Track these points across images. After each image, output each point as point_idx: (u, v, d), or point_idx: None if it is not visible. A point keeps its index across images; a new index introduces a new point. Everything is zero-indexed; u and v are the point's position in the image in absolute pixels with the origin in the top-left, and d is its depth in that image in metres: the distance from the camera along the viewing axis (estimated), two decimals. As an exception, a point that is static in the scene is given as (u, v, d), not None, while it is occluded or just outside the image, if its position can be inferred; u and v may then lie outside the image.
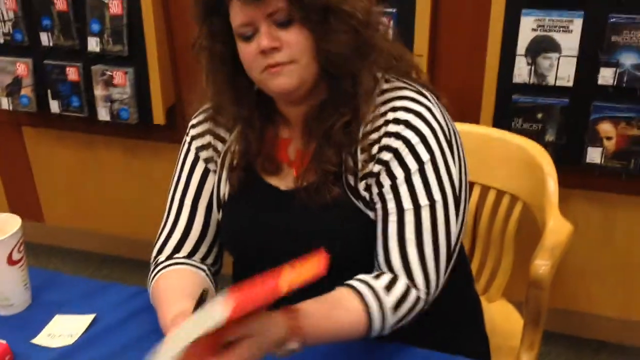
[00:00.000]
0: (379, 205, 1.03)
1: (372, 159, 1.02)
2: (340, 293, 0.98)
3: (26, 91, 2.29)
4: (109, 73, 2.13)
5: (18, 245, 1.08)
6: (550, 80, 1.73)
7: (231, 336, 0.83)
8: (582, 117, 1.77)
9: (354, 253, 1.06)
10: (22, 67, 2.26)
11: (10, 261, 1.06)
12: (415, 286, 0.99)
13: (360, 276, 1.00)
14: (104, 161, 2.47)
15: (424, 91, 1.05)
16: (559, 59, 1.70)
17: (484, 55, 1.78)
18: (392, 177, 1.01)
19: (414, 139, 1.01)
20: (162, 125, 2.18)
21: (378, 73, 1.04)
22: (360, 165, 1.03)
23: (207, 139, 1.14)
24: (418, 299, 0.99)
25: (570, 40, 1.68)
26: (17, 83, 2.29)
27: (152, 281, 1.08)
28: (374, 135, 1.02)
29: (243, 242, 1.13)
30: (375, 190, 1.03)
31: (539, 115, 1.77)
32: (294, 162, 1.09)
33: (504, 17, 1.72)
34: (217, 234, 1.15)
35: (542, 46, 1.70)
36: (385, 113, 1.02)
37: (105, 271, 2.57)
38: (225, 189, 1.12)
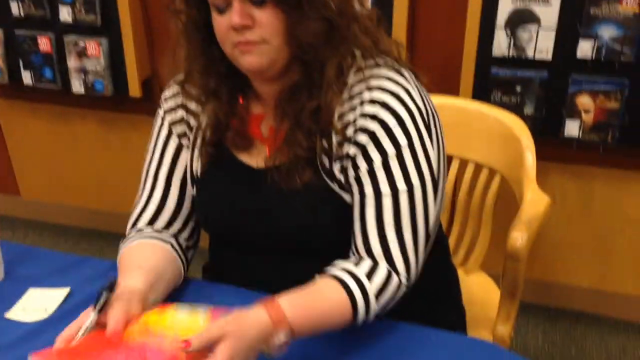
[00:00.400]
0: (355, 189, 1.02)
1: (348, 140, 1.00)
2: (323, 282, 0.97)
3: (-3, 62, 2.24)
4: (82, 44, 2.09)
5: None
6: (530, 53, 1.72)
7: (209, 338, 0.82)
8: (560, 90, 1.77)
9: (328, 235, 1.05)
10: (-8, 38, 2.20)
11: (-20, 235, 1.04)
12: (396, 271, 0.99)
13: (341, 263, 0.99)
14: (80, 134, 2.43)
15: (402, 70, 1.03)
16: (537, 31, 1.70)
17: (463, 27, 1.77)
18: (369, 160, 1.00)
19: (391, 122, 0.99)
20: (138, 97, 2.14)
21: (356, 51, 1.02)
22: (335, 147, 1.01)
23: (180, 113, 1.12)
24: (399, 284, 0.99)
25: (549, 12, 1.68)
26: (-13, 53, 2.23)
27: (120, 252, 1.07)
28: (350, 116, 1.00)
29: (215, 220, 1.12)
30: (351, 173, 1.01)
31: (518, 88, 1.77)
32: (267, 139, 1.08)
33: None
34: (193, 209, 1.14)
35: (522, 18, 1.70)
36: (361, 92, 1.00)
37: (84, 245, 2.54)
38: (197, 165, 1.11)
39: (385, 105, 0.99)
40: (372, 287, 0.96)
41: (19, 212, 2.72)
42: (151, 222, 1.12)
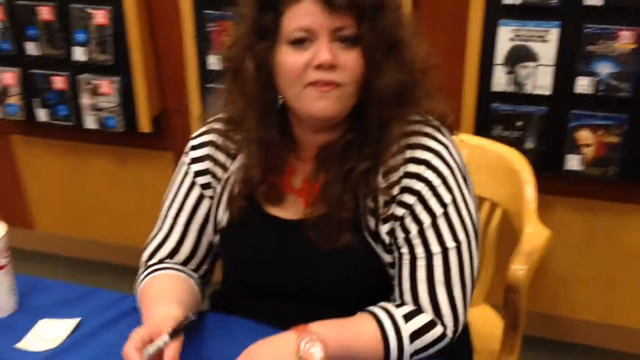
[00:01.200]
0: (405, 250, 1.02)
1: (393, 200, 1.00)
2: (358, 317, 0.99)
3: (14, 100, 2.31)
4: (95, 82, 2.16)
5: (2, 250, 1.09)
6: (529, 89, 1.76)
7: None
8: (560, 125, 1.80)
9: (361, 292, 1.06)
10: (9, 76, 2.28)
11: (-5, 267, 1.08)
12: (443, 324, 1.00)
13: (381, 303, 1.01)
14: (93, 169, 2.49)
15: (440, 127, 1.03)
16: (536, 68, 1.74)
17: (462, 64, 1.81)
18: (418, 222, 1.00)
19: (436, 181, 0.99)
20: (148, 133, 2.20)
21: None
22: (381, 207, 1.01)
23: (206, 164, 1.11)
24: (443, 335, 1.00)
25: (547, 49, 1.72)
26: (4, 92, 2.31)
27: (141, 281, 1.09)
28: (394, 176, 1.00)
29: (241, 268, 1.12)
30: (401, 235, 1.01)
31: (519, 123, 1.81)
32: (301, 192, 1.06)
33: (481, 27, 1.75)
34: (208, 253, 1.15)
35: (520, 55, 1.74)
36: (402, 149, 0.99)
37: (95, 277, 2.57)
38: (223, 216, 1.10)
39: (428, 165, 0.99)
40: (407, 328, 0.98)
41: (33, 245, 2.76)
42: (170, 257, 1.13)
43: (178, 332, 0.92)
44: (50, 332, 1.08)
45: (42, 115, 2.29)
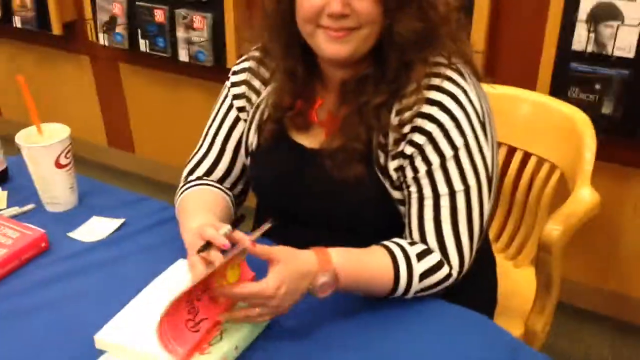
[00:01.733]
0: (413, 189, 1.04)
1: (404, 138, 1.02)
2: (375, 248, 1.03)
3: (120, 29, 2.49)
4: (189, 17, 2.28)
5: (65, 151, 1.22)
6: (610, 50, 1.67)
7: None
8: (642, 91, 1.70)
9: (371, 224, 1.09)
10: (117, 7, 2.45)
11: (58, 165, 1.22)
12: (449, 264, 1.03)
13: (395, 239, 1.04)
14: (186, 100, 2.64)
15: (462, 69, 1.04)
16: (620, 27, 1.64)
17: (544, 20, 1.74)
18: (427, 162, 1.02)
19: (448, 124, 1.00)
20: (235, 69, 2.30)
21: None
22: (391, 144, 1.03)
23: (243, 89, 1.18)
24: (449, 275, 1.03)
25: (633, 8, 1.61)
26: (112, 21, 2.49)
27: (180, 195, 1.17)
28: (407, 114, 1.01)
29: (266, 190, 1.19)
30: (409, 174, 1.04)
31: (597, 86, 1.72)
32: (324, 122, 1.10)
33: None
34: (242, 174, 1.22)
35: (604, 13, 1.64)
36: (419, 90, 1.01)
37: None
38: (253, 139, 1.17)
39: (442, 107, 1.00)
40: (418, 268, 1.01)
41: (132, 167, 3.00)
42: (206, 175, 1.21)
43: (235, 223, 0.98)
44: (98, 227, 1.22)
45: (142, 45, 2.45)
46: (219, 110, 1.22)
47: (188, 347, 0.87)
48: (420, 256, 1.02)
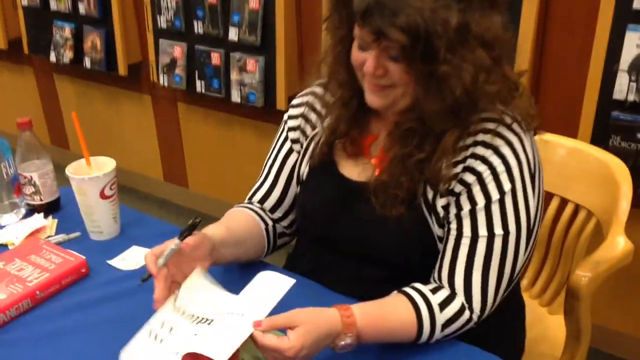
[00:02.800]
0: (453, 226, 1.05)
1: (455, 177, 1.04)
2: (397, 300, 1.03)
3: (179, 71, 2.63)
4: (243, 60, 2.38)
5: (110, 183, 1.31)
6: (653, 99, 1.65)
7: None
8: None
9: (410, 259, 1.11)
10: (178, 50, 2.60)
11: (103, 196, 1.30)
12: (470, 308, 1.04)
13: (419, 286, 1.05)
14: (238, 139, 2.74)
15: (518, 117, 1.05)
16: (662, 77, 1.63)
17: (586, 69, 1.74)
18: (472, 202, 1.03)
19: (499, 167, 1.02)
20: (283, 110, 2.38)
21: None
22: (442, 183, 1.04)
23: (299, 121, 1.24)
24: (469, 320, 1.04)
25: (675, 59, 1.60)
26: (173, 63, 2.64)
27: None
28: (461, 155, 1.03)
29: (310, 219, 1.22)
30: (453, 210, 1.05)
31: (638, 135, 1.70)
32: (376, 158, 1.14)
33: (609, 32, 1.67)
34: (293, 204, 1.27)
35: (646, 63, 1.64)
36: (476, 132, 1.03)
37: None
38: (305, 170, 1.22)
39: (496, 151, 1.02)
40: (441, 318, 1.02)
41: (186, 202, 3.12)
42: (261, 202, 1.27)
43: (184, 233, 1.03)
44: (136, 257, 1.29)
45: (199, 86, 2.58)
46: (276, 142, 1.28)
47: None
48: (443, 305, 1.03)
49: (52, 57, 3.00)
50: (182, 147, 3.00)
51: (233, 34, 2.36)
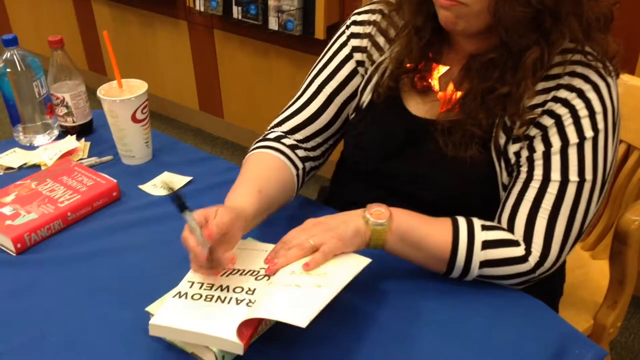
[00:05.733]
0: (524, 169, 0.98)
1: (532, 121, 0.96)
2: (439, 219, 0.99)
3: (215, -5, 2.55)
4: (282, -16, 2.29)
5: (142, 106, 1.27)
6: None
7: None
8: None
9: (468, 205, 1.03)
10: (215, -27, 2.51)
11: (135, 119, 1.27)
12: (528, 249, 0.95)
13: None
14: (274, 69, 2.68)
15: (608, 64, 0.97)
16: None
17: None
18: (547, 144, 0.96)
19: (582, 112, 0.94)
20: (322, 40, 2.30)
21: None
22: (516, 128, 0.97)
23: (365, 42, 1.12)
24: (524, 258, 0.95)
25: None
26: (209, -13, 2.55)
27: (250, 151, 1.14)
28: (541, 99, 0.96)
29: (363, 151, 1.12)
30: (525, 153, 0.98)
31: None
32: (443, 94, 1.04)
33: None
34: (339, 129, 1.17)
35: None
36: (560, 76, 0.95)
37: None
38: (366, 97, 1.12)
39: (581, 94, 0.94)
40: (481, 234, 0.94)
41: (220, 132, 3.09)
42: (295, 130, 1.14)
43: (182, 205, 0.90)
44: (166, 182, 1.26)
45: (235, 12, 2.50)
46: (331, 59, 1.14)
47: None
48: (488, 227, 0.96)
49: (89, -21, 2.95)
50: (217, 76, 2.94)
51: (272, -44, 2.26)
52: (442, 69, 1.06)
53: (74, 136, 1.40)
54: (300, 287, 0.85)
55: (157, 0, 2.81)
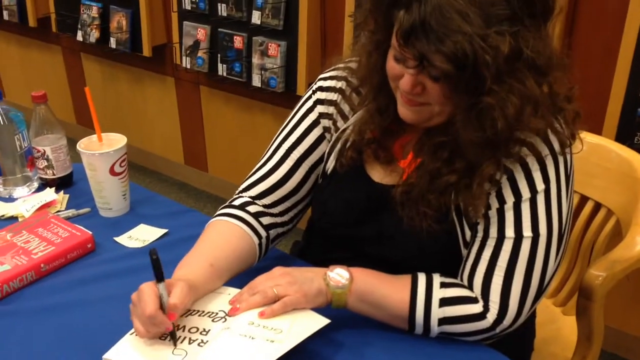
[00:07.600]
0: (480, 227, 0.98)
1: (485, 202, 0.97)
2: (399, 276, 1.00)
3: (202, 53, 2.62)
4: (265, 44, 2.37)
5: (120, 160, 1.30)
6: (680, 98, 1.60)
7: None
8: None
9: (426, 268, 1.03)
10: (201, 32, 2.59)
11: (113, 172, 1.30)
12: (486, 307, 0.96)
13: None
14: (258, 124, 2.73)
15: (562, 125, 0.98)
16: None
17: (613, 66, 1.69)
18: (501, 200, 0.96)
19: (534, 166, 0.95)
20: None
21: None
22: (470, 210, 0.97)
23: (331, 110, 1.13)
24: (482, 316, 0.96)
25: None
26: (196, 46, 2.63)
27: (215, 216, 1.14)
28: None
29: (331, 216, 1.13)
30: (481, 210, 0.98)
31: (665, 134, 1.64)
32: (405, 162, 1.06)
33: (638, 29, 1.62)
34: (307, 196, 1.17)
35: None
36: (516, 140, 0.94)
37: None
38: (330, 164, 1.13)
39: (531, 147, 0.94)
40: (440, 292, 0.96)
41: (204, 185, 3.12)
42: (262, 195, 1.14)
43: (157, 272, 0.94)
44: (142, 235, 1.28)
45: (221, 69, 2.57)
46: (298, 124, 1.15)
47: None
48: (447, 285, 0.97)
49: (79, 36, 3.02)
50: (203, 131, 3.00)
51: (256, 18, 2.35)
52: (402, 139, 1.08)
53: (53, 189, 1.42)
54: (253, 340, 0.89)
55: (145, 58, 2.87)
